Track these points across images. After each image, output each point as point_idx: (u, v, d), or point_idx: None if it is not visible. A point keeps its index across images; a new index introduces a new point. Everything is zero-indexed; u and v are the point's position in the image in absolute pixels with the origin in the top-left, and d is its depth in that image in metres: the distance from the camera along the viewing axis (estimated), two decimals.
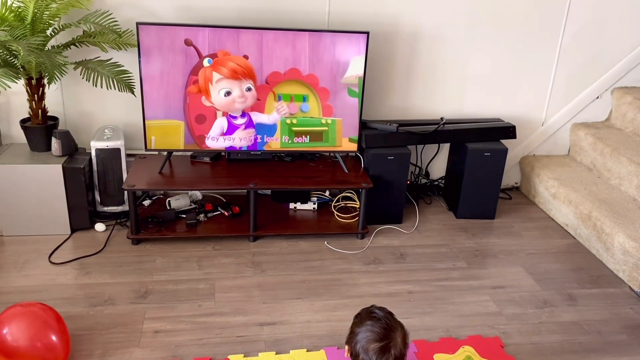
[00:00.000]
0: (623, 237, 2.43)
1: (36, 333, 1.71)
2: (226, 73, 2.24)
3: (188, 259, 2.47)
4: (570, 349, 2.03)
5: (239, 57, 2.29)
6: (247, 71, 2.27)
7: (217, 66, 2.32)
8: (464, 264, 2.55)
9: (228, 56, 2.27)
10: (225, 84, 2.28)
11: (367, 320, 1.57)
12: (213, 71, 2.29)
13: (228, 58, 2.26)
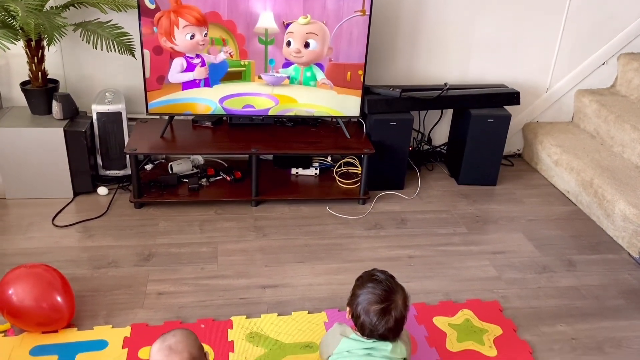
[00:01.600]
0: (624, 204, 2.43)
1: (41, 294, 1.73)
2: (192, 20, 2.46)
3: (190, 222, 2.49)
4: (568, 313, 2.06)
5: (197, 7, 2.44)
6: (205, 19, 2.47)
7: (183, 13, 2.44)
8: (464, 229, 2.57)
9: (189, 6, 2.44)
10: (190, 29, 2.47)
11: (369, 282, 1.58)
12: (179, 17, 2.44)
13: (190, 7, 2.44)
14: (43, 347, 1.73)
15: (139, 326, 1.84)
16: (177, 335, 1.47)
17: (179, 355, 1.43)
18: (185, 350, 1.44)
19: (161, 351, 1.44)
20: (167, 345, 1.44)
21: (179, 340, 1.45)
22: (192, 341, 1.48)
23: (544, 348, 1.88)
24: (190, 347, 1.45)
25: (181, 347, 1.44)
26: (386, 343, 1.55)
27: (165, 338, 1.46)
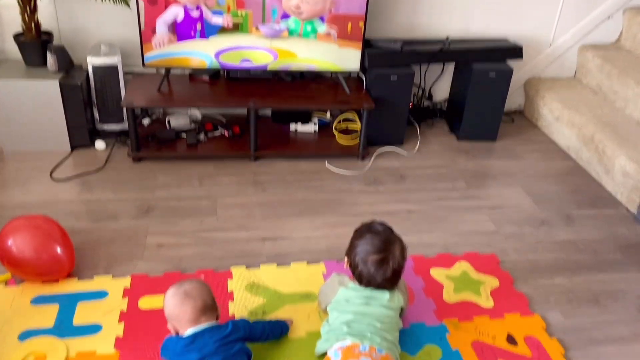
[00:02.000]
0: (624, 159, 2.42)
1: (41, 244, 1.74)
2: None
3: (189, 177, 2.48)
4: (565, 267, 2.07)
5: None
6: None
7: None
8: (463, 184, 2.56)
9: None
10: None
11: (367, 233, 1.59)
12: None
13: None
14: (44, 296, 1.75)
15: (139, 277, 1.86)
16: (193, 282, 1.52)
17: (192, 301, 1.46)
18: (199, 298, 1.47)
19: (176, 296, 1.47)
20: (183, 290, 1.48)
21: (195, 287, 1.50)
22: (207, 291, 1.52)
23: (540, 300, 1.90)
24: (204, 295, 1.49)
25: (196, 293, 1.48)
26: (383, 292, 1.57)
27: (182, 284, 1.51)
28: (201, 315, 1.46)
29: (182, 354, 1.42)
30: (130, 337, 1.62)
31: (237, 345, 1.45)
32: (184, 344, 1.43)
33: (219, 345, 1.42)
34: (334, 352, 1.48)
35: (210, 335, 1.44)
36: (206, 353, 1.40)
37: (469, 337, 1.70)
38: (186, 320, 1.46)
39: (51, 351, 1.55)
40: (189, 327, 1.46)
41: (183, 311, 1.46)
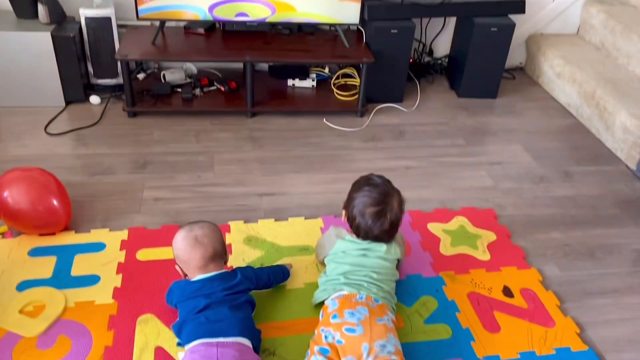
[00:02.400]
0: (625, 115, 2.40)
1: (37, 196, 1.73)
2: None
3: (186, 132, 2.45)
4: (562, 222, 2.07)
5: None
6: None
7: None
8: (462, 141, 2.54)
9: None
10: None
11: (365, 186, 1.58)
12: None
13: None
14: (41, 248, 1.75)
15: (137, 229, 1.85)
16: (204, 227, 1.49)
17: (202, 248, 1.45)
18: (209, 244, 1.46)
19: (186, 240, 1.46)
20: (194, 235, 1.46)
21: (205, 234, 1.47)
22: (217, 236, 1.50)
23: (536, 253, 1.91)
24: (214, 242, 1.47)
25: (206, 240, 1.46)
26: (380, 244, 1.57)
27: (192, 228, 1.48)
28: (210, 262, 1.46)
29: (190, 299, 1.42)
30: (128, 288, 1.63)
31: (243, 297, 1.46)
32: (192, 289, 1.44)
33: (226, 294, 1.42)
34: (331, 301, 1.49)
35: (219, 283, 1.44)
36: (213, 300, 1.40)
37: (465, 289, 1.72)
38: (194, 266, 1.46)
39: (50, 301, 1.55)
40: (198, 274, 1.46)
41: (192, 257, 1.45)
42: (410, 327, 1.58)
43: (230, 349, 1.31)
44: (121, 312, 1.55)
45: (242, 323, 1.38)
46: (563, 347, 1.55)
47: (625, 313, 1.70)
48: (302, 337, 1.50)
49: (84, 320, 1.52)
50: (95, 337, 1.47)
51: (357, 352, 1.36)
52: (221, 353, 1.29)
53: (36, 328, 1.47)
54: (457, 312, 1.63)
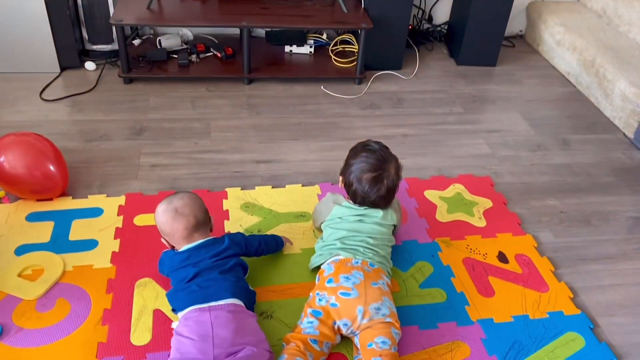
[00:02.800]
0: (625, 83, 2.38)
1: (33, 161, 1.72)
2: None
3: (182, 99, 2.43)
4: (558, 189, 2.08)
5: None
6: None
7: None
8: (460, 109, 2.53)
9: None
10: None
11: (362, 152, 1.58)
12: None
13: None
14: (39, 213, 1.75)
15: (134, 195, 1.86)
16: (183, 198, 1.48)
17: (184, 219, 1.44)
18: (191, 214, 1.45)
19: (167, 212, 1.45)
20: (174, 207, 1.46)
21: (186, 204, 1.46)
22: (198, 205, 1.49)
23: (532, 220, 1.92)
24: (196, 211, 1.47)
25: (187, 210, 1.45)
26: (377, 210, 1.57)
27: (172, 200, 1.47)
28: (194, 231, 1.46)
29: (179, 269, 1.43)
30: (126, 253, 1.64)
31: (232, 260, 1.46)
32: (180, 259, 1.44)
33: (215, 260, 1.43)
34: (327, 266, 1.50)
35: (206, 250, 1.44)
36: (202, 268, 1.41)
37: (461, 254, 1.73)
38: (179, 237, 1.46)
39: (48, 265, 1.56)
40: (184, 244, 1.46)
41: (175, 229, 1.45)
42: (406, 291, 1.60)
43: (222, 311, 1.32)
44: (119, 276, 1.56)
45: (234, 285, 1.39)
46: (556, 311, 1.58)
47: (617, 279, 1.72)
48: (299, 301, 1.51)
49: (82, 283, 1.53)
50: (94, 300, 1.49)
51: (352, 315, 1.38)
52: (215, 316, 1.31)
53: (35, 291, 1.49)
54: (452, 277, 1.65)
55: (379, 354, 1.33)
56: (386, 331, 1.37)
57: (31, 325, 1.41)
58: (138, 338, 1.40)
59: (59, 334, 1.40)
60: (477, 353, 1.44)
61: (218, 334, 1.28)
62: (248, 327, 1.33)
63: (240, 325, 1.31)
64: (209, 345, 1.26)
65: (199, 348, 1.26)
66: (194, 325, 1.30)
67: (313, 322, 1.38)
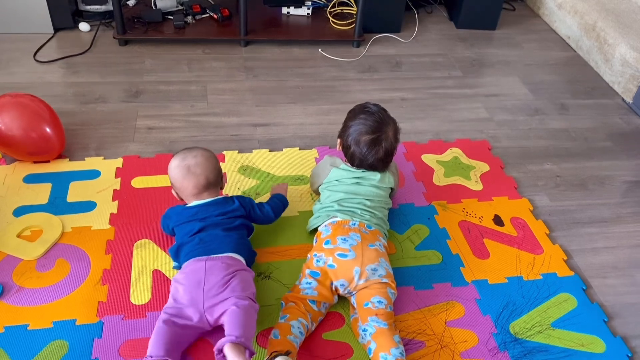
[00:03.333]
0: (625, 47, 2.36)
1: (29, 123, 1.71)
2: None
3: (178, 61, 2.41)
4: (555, 153, 2.09)
5: None
6: None
7: None
8: (459, 73, 2.51)
9: None
10: None
11: (361, 114, 1.57)
12: None
13: None
14: (36, 175, 1.75)
15: (131, 158, 1.85)
16: (197, 157, 1.47)
17: (195, 178, 1.45)
18: (202, 174, 1.46)
19: (179, 169, 1.46)
20: (187, 165, 1.46)
21: (199, 163, 1.46)
22: (212, 165, 1.49)
23: (528, 184, 1.93)
24: (207, 172, 1.47)
25: (199, 170, 1.46)
26: (374, 173, 1.58)
27: (186, 157, 1.48)
28: (204, 190, 1.47)
29: (186, 223, 1.45)
30: (124, 214, 1.64)
31: (238, 220, 1.47)
32: (188, 214, 1.45)
33: (221, 218, 1.44)
34: (324, 228, 1.51)
35: (214, 208, 1.46)
36: (208, 224, 1.43)
37: (457, 217, 1.75)
38: (188, 193, 1.47)
39: (47, 226, 1.57)
40: (193, 200, 1.47)
41: (185, 186, 1.46)
42: (402, 253, 1.62)
43: (218, 261, 1.34)
44: (118, 237, 1.57)
45: (236, 242, 1.41)
46: (550, 272, 1.60)
47: (611, 241, 1.74)
48: (297, 262, 1.54)
49: (81, 244, 1.54)
50: (93, 260, 1.50)
51: (349, 275, 1.39)
52: (209, 265, 1.33)
53: (35, 251, 1.50)
54: (447, 239, 1.67)
55: (375, 312, 1.35)
56: (382, 291, 1.39)
57: (32, 284, 1.43)
58: (138, 297, 1.42)
59: (59, 293, 1.41)
60: (471, 313, 1.47)
61: (209, 278, 1.30)
62: (239, 276, 1.34)
63: (233, 273, 1.33)
64: (200, 290, 1.29)
65: (190, 292, 1.29)
66: (190, 272, 1.33)
67: (311, 282, 1.40)
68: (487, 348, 1.39)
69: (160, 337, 1.23)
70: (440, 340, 1.40)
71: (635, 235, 1.77)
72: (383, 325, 1.33)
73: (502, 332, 1.43)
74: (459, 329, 1.43)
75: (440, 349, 1.38)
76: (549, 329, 1.45)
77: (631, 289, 1.60)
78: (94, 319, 1.36)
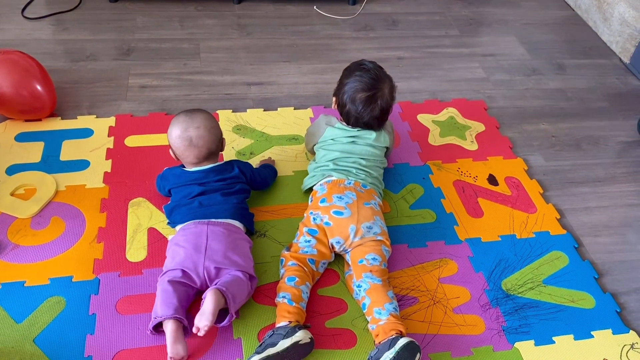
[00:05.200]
0: (624, 6, 2.33)
1: (19, 80, 1.68)
2: None
3: (170, 18, 2.35)
4: (551, 113, 2.08)
5: None
6: None
7: None
8: (456, 32, 2.48)
9: None
10: None
11: (356, 71, 1.55)
12: None
13: None
14: (28, 133, 1.73)
15: (124, 117, 1.83)
16: (200, 128, 1.43)
17: (197, 150, 1.43)
18: (204, 146, 1.43)
19: (181, 139, 1.43)
20: (189, 136, 1.42)
21: (201, 135, 1.43)
22: (214, 135, 1.46)
23: (523, 144, 1.93)
24: (209, 144, 1.44)
25: (202, 142, 1.43)
26: (370, 132, 1.57)
27: (188, 127, 1.43)
28: (204, 160, 1.46)
29: (184, 185, 1.44)
30: (118, 173, 1.64)
31: (237, 185, 1.47)
32: (188, 178, 1.45)
33: (221, 184, 1.44)
34: (320, 187, 1.51)
35: (214, 174, 1.45)
36: (207, 188, 1.43)
37: (451, 177, 1.75)
38: (189, 162, 1.46)
39: (41, 184, 1.56)
40: (192, 167, 1.46)
41: (186, 156, 1.45)
42: (397, 211, 1.62)
43: (220, 227, 1.35)
44: (113, 196, 1.57)
45: (234, 207, 1.41)
46: (543, 231, 1.62)
47: (604, 201, 1.76)
48: (292, 220, 1.54)
49: (76, 203, 1.54)
50: (88, 218, 1.50)
51: (345, 233, 1.40)
52: (211, 230, 1.34)
53: (29, 210, 1.50)
54: (442, 198, 1.68)
55: (369, 269, 1.36)
56: (377, 248, 1.40)
57: (27, 242, 1.43)
58: (133, 255, 1.43)
59: (55, 251, 1.42)
60: (464, 269, 1.49)
61: (211, 245, 1.31)
62: (240, 249, 1.35)
63: (234, 244, 1.34)
64: (201, 255, 1.30)
65: (191, 257, 1.29)
66: (191, 235, 1.33)
67: (310, 240, 1.41)
68: (479, 304, 1.42)
69: (167, 298, 1.24)
70: (433, 296, 1.42)
71: (628, 195, 1.79)
72: (377, 281, 1.34)
73: (494, 289, 1.45)
74: (451, 285, 1.45)
75: (433, 304, 1.40)
76: (541, 286, 1.47)
77: (622, 247, 1.62)
78: (90, 275, 1.37)
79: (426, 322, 1.37)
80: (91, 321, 1.29)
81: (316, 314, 1.35)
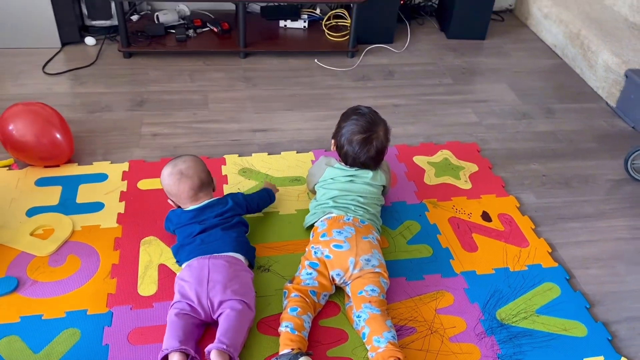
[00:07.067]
0: (608, 54, 2.47)
1: (40, 129, 1.81)
2: None
3: (180, 72, 2.51)
4: (542, 154, 2.18)
5: None
6: None
7: None
8: (450, 80, 2.62)
9: None
10: None
11: (353, 115, 1.67)
12: None
13: None
14: (47, 178, 1.85)
15: (137, 162, 1.95)
16: (187, 161, 1.57)
17: (189, 180, 1.55)
18: (195, 175, 1.55)
19: (173, 175, 1.55)
20: (179, 170, 1.55)
21: (190, 166, 1.56)
22: (201, 166, 1.59)
23: (515, 183, 2.02)
24: (199, 172, 1.57)
25: (192, 172, 1.55)
26: (367, 171, 1.67)
27: (176, 163, 1.57)
28: (199, 191, 1.57)
29: (185, 225, 1.54)
30: (131, 214, 1.73)
31: (235, 219, 1.57)
32: (187, 217, 1.55)
33: (219, 219, 1.54)
34: (320, 223, 1.60)
35: (210, 210, 1.55)
36: (207, 225, 1.52)
37: (447, 214, 1.84)
38: (185, 197, 1.56)
39: (58, 225, 1.66)
40: (190, 204, 1.56)
41: (181, 190, 1.55)
42: (395, 246, 1.70)
43: (221, 259, 1.44)
44: (126, 235, 1.66)
45: (235, 240, 1.50)
46: (535, 264, 1.69)
47: (594, 235, 1.83)
48: (294, 256, 1.62)
49: (91, 241, 1.63)
50: (102, 256, 1.59)
51: (344, 265, 1.48)
52: (212, 263, 1.43)
53: (47, 248, 1.59)
54: (438, 234, 1.76)
55: (369, 300, 1.43)
56: (375, 280, 1.48)
57: (45, 278, 1.52)
58: (145, 289, 1.51)
59: (71, 286, 1.50)
60: (460, 301, 1.55)
61: (213, 277, 1.40)
62: (240, 279, 1.43)
63: (234, 274, 1.42)
64: (204, 287, 1.38)
65: (195, 291, 1.38)
66: (194, 270, 1.42)
67: (312, 273, 1.49)
68: (474, 333, 1.47)
69: (174, 330, 1.32)
70: (430, 326, 1.48)
71: (617, 229, 1.86)
72: (376, 311, 1.41)
73: (489, 319, 1.51)
74: (448, 315, 1.51)
75: (430, 334, 1.46)
76: (534, 315, 1.53)
77: (613, 279, 1.69)
78: (104, 309, 1.45)
79: (424, 350, 1.42)
80: (104, 351, 1.36)
81: (318, 343, 1.41)
